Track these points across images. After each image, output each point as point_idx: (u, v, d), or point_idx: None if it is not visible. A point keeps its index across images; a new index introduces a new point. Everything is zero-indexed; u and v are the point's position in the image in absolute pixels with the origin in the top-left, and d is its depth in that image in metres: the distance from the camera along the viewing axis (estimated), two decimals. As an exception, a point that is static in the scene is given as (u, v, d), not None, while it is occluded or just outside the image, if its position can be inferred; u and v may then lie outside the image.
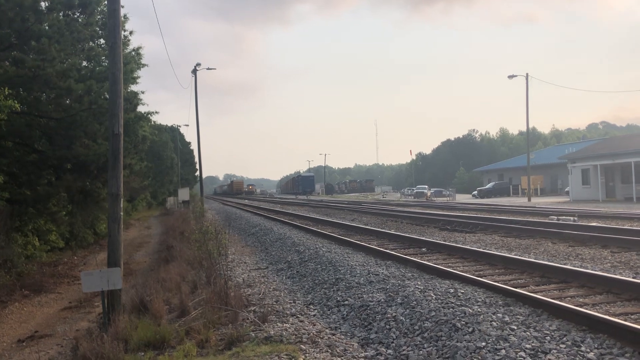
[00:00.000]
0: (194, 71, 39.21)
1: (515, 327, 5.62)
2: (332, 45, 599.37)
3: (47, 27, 16.94)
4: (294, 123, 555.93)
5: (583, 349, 4.95)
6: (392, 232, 16.21)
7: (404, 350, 5.71)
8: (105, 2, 10.69)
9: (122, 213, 9.17)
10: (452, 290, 7.32)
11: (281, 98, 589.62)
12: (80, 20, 18.22)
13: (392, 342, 6.02)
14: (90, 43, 19.72)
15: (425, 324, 6.20)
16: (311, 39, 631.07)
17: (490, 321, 5.86)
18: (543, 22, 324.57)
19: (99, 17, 18.79)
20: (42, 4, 16.94)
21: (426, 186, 73.17)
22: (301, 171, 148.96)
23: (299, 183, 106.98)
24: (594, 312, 5.85)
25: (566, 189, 47.46)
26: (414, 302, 6.99)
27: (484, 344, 5.30)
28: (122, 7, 9.82)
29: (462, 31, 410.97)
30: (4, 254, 14.28)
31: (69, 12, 17.70)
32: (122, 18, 19.03)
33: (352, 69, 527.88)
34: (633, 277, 7.96)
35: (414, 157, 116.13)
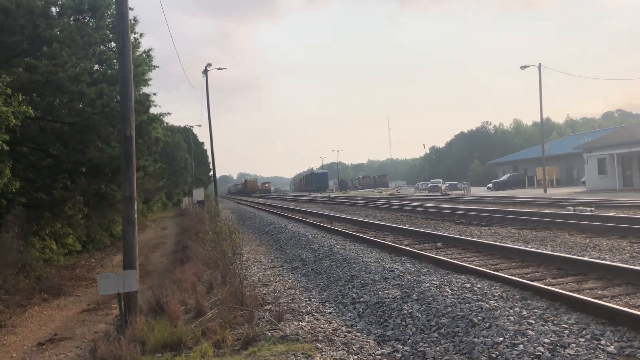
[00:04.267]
0: (205, 71, 39.39)
1: (533, 322, 5.55)
2: (330, 38, 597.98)
3: (58, 32, 17.08)
4: (304, 120, 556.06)
5: (603, 342, 4.87)
6: (407, 227, 16.14)
7: (420, 347, 5.67)
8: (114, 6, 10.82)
9: (136, 215, 9.22)
10: (468, 285, 7.26)
11: (287, 95, 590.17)
12: (90, 24, 18.35)
13: (409, 339, 5.98)
14: (101, 46, 19.84)
15: (442, 320, 6.15)
16: (305, 32, 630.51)
17: (508, 316, 5.79)
18: (545, 6, 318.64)
19: (109, 20, 18.90)
20: (53, 9, 17.09)
21: (440, 180, 72.71)
22: (314, 168, 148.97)
23: (312, 180, 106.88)
24: (613, 304, 5.76)
25: (582, 179, 46.94)
26: (430, 298, 6.94)
27: (501, 339, 5.25)
28: (131, 9, 9.88)
29: (458, 20, 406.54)
30: (22, 258, 14.43)
31: (79, 17, 17.83)
32: (132, 21, 19.14)
33: (355, 64, 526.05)
34: (653, 268, 7.83)
35: (428, 151, 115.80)
